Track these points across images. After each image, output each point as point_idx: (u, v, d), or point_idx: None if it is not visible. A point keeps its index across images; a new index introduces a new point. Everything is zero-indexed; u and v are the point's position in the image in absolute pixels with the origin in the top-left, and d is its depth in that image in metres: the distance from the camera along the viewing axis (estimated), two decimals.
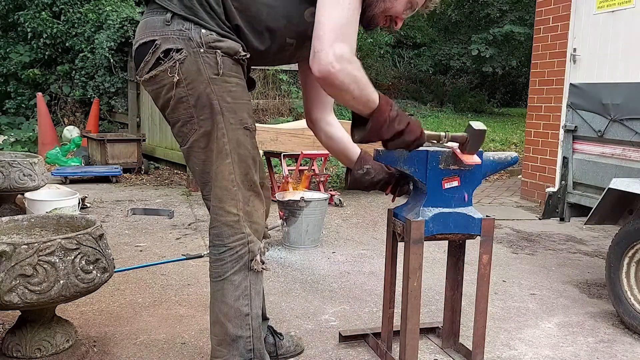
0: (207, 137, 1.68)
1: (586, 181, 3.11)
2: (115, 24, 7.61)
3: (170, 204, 5.13)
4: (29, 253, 1.85)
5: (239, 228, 1.72)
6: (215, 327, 1.78)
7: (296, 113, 8.40)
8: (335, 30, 1.54)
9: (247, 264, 1.74)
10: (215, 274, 1.76)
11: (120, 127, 8.51)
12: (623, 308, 2.59)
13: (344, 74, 1.55)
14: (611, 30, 3.01)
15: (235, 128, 1.69)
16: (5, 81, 9.31)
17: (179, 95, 1.65)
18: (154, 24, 1.66)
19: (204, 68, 1.63)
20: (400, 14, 1.76)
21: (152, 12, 1.69)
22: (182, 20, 1.63)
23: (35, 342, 2.03)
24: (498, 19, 13.94)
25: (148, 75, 1.67)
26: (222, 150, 1.68)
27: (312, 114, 2.03)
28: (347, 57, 1.55)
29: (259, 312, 1.82)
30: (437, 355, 2.27)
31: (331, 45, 1.53)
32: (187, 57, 1.62)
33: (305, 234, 3.75)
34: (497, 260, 3.63)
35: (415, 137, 1.74)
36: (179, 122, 1.71)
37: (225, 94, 1.66)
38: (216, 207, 1.72)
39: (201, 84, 1.64)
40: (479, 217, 1.97)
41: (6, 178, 3.54)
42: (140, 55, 1.69)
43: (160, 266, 3.30)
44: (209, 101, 1.65)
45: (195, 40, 1.62)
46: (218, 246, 1.74)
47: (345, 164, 2.10)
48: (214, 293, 1.77)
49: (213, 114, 1.66)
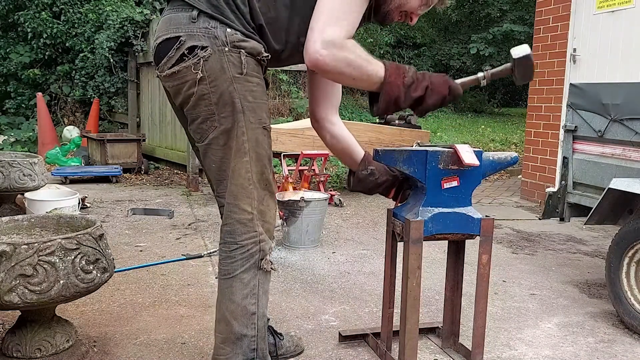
0: (226, 134, 1.68)
1: (586, 181, 3.11)
2: (115, 24, 7.61)
3: (170, 204, 5.13)
4: (29, 253, 1.85)
5: (252, 226, 1.72)
6: (221, 325, 1.78)
7: (296, 113, 8.41)
8: (326, 21, 1.56)
9: (257, 262, 1.74)
10: (224, 272, 1.76)
11: (120, 127, 8.51)
12: (623, 308, 2.59)
13: (333, 60, 1.56)
14: (611, 30, 3.01)
15: (255, 127, 1.70)
16: (5, 81, 9.31)
17: (201, 92, 1.66)
18: (179, 21, 1.66)
19: (227, 66, 1.64)
20: (416, 9, 1.76)
21: (176, 9, 1.69)
22: (208, 18, 1.64)
23: (35, 342, 2.03)
24: (498, 19, 13.94)
25: (170, 70, 1.68)
26: (240, 149, 1.69)
27: (316, 113, 2.03)
28: (337, 42, 1.55)
29: (265, 312, 1.82)
30: (437, 355, 2.27)
31: (320, 33, 1.54)
32: (212, 55, 1.63)
33: (305, 234, 3.75)
34: (497, 260, 3.63)
35: (441, 98, 1.70)
36: (199, 118, 1.71)
37: (247, 93, 1.67)
38: (231, 204, 1.72)
39: (224, 82, 1.65)
40: (478, 217, 1.97)
41: (6, 178, 3.54)
42: (163, 50, 1.69)
43: (160, 266, 3.30)
44: (231, 99, 1.66)
45: (221, 38, 1.63)
46: (230, 243, 1.74)
47: (349, 165, 2.09)
48: (222, 290, 1.77)
49: (234, 112, 1.67)
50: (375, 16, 1.73)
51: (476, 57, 13.62)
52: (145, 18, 7.35)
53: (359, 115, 10.10)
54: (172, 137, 6.64)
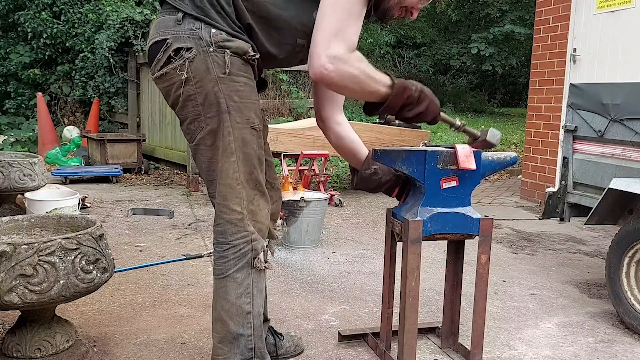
0: (213, 134, 1.70)
1: (586, 181, 3.11)
2: (115, 24, 7.61)
3: (170, 204, 5.13)
4: (29, 253, 1.85)
5: (243, 226, 1.73)
6: (217, 325, 1.78)
7: (296, 113, 8.40)
8: (330, 33, 1.57)
9: (250, 261, 1.75)
10: (218, 272, 1.76)
11: (120, 127, 8.50)
12: (623, 308, 2.59)
13: (338, 75, 1.59)
14: (611, 30, 3.01)
15: (242, 127, 1.70)
16: (5, 81, 9.31)
17: (187, 93, 1.68)
18: (167, 24, 1.70)
19: (212, 67, 1.66)
20: (416, 4, 1.77)
21: (165, 12, 1.73)
22: (193, 19, 1.66)
23: (35, 342, 2.03)
24: (498, 19, 13.95)
25: (159, 72, 1.71)
26: (227, 148, 1.70)
27: (322, 113, 2.04)
28: (342, 57, 1.58)
29: (261, 310, 1.82)
30: (436, 355, 2.27)
31: (325, 48, 1.57)
32: (197, 55, 1.65)
33: (305, 234, 3.75)
34: (497, 260, 3.63)
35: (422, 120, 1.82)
36: (187, 119, 1.73)
37: (232, 93, 1.68)
38: (220, 204, 1.74)
39: (209, 83, 1.66)
40: (477, 217, 1.97)
41: (6, 178, 3.54)
42: (153, 53, 1.73)
43: (160, 266, 3.30)
44: (216, 99, 1.67)
45: (205, 39, 1.65)
46: (222, 243, 1.75)
47: (353, 164, 2.10)
48: (216, 290, 1.78)
49: (220, 112, 1.68)
50: (375, 13, 1.74)
51: (476, 57, 13.62)
52: (145, 18, 7.35)
53: (359, 115, 10.09)
54: (172, 137, 6.64)
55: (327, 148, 5.23)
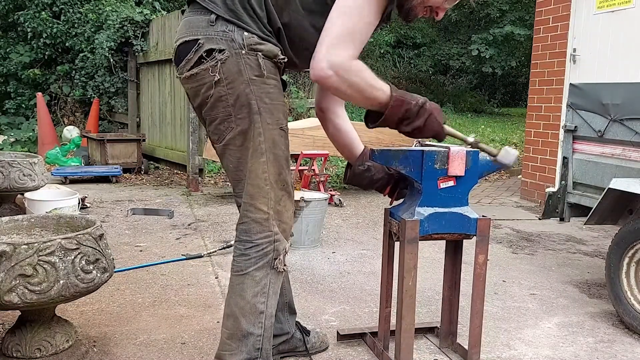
0: (243, 135, 1.71)
1: (586, 181, 3.11)
2: (115, 24, 7.61)
3: (170, 204, 5.13)
4: (29, 253, 1.85)
5: (267, 226, 1.74)
6: (229, 320, 1.78)
7: (296, 113, 8.40)
8: (335, 39, 1.58)
9: (270, 262, 1.75)
10: (237, 268, 1.77)
11: (120, 127, 8.50)
12: (623, 308, 2.59)
13: (337, 81, 1.60)
14: (611, 30, 3.01)
15: (272, 128, 1.72)
16: (5, 81, 9.32)
17: (218, 94, 1.68)
18: (198, 24, 1.69)
19: (244, 69, 1.67)
20: (441, 4, 1.76)
21: (195, 12, 1.72)
22: (226, 22, 1.67)
23: (35, 342, 2.03)
24: (498, 19, 13.94)
25: (189, 72, 1.71)
26: (257, 149, 1.71)
27: (321, 103, 2.05)
28: (344, 65, 1.59)
29: (274, 312, 1.82)
30: (435, 355, 2.27)
31: (326, 53, 1.58)
32: (229, 57, 1.66)
33: (305, 234, 3.75)
34: (497, 260, 3.63)
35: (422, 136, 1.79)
36: (217, 119, 1.73)
37: (263, 95, 1.70)
38: (247, 203, 1.74)
39: (241, 84, 1.67)
40: (474, 217, 1.97)
41: (6, 178, 3.54)
42: (182, 52, 1.72)
43: (160, 266, 3.30)
44: (248, 101, 1.68)
45: (238, 42, 1.66)
46: (244, 241, 1.75)
47: (347, 158, 2.11)
48: (233, 286, 1.78)
49: (251, 114, 1.69)
50: (398, 13, 1.74)
51: (476, 59, 13.62)
52: (145, 18, 7.35)
53: (359, 115, 10.10)
54: (172, 137, 6.64)
55: (327, 148, 5.23)
